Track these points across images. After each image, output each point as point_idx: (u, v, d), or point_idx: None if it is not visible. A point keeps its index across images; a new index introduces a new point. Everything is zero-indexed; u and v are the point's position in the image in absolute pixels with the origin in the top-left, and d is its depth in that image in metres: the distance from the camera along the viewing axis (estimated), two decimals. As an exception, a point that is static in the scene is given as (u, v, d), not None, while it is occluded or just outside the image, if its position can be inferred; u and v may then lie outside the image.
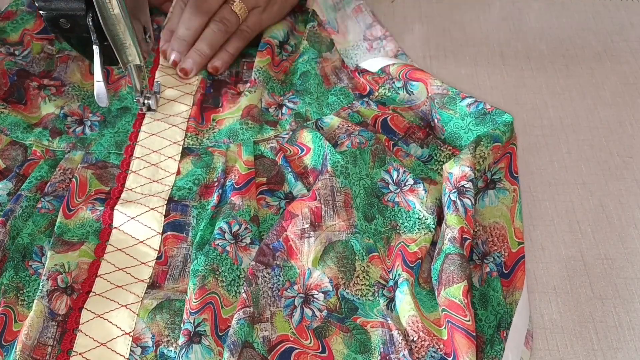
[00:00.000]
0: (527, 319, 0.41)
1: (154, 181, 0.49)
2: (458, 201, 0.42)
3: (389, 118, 0.51)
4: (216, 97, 0.56)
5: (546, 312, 0.42)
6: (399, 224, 0.45)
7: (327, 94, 0.54)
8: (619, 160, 0.51)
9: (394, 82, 0.54)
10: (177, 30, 0.57)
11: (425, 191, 0.46)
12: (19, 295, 0.42)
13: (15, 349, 0.38)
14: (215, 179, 0.49)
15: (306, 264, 0.43)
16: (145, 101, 0.53)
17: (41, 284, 0.41)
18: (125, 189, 0.48)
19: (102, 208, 0.47)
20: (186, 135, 0.52)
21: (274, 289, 0.42)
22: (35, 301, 0.40)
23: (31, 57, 0.57)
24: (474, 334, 0.38)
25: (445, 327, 0.39)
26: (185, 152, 0.51)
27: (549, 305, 0.43)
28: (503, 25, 0.64)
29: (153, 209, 0.47)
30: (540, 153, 0.52)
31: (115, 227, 0.46)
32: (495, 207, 0.46)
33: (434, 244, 0.44)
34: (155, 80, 0.56)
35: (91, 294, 0.42)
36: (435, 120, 0.51)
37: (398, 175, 0.47)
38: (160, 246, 0.45)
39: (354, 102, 0.53)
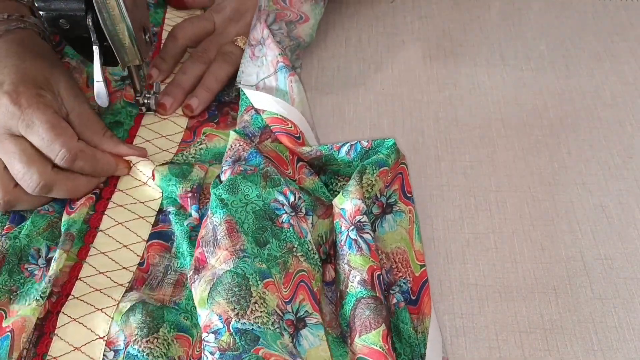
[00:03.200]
0: (439, 346, 0.40)
1: (144, 183, 0.48)
2: (359, 239, 0.40)
3: None
4: (215, 114, 0.54)
5: (546, 312, 0.42)
6: (295, 246, 0.42)
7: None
8: (619, 160, 0.51)
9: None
10: (176, 77, 0.55)
11: (313, 225, 0.44)
12: (11, 297, 0.42)
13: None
14: (189, 189, 0.46)
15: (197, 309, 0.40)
16: (145, 101, 0.53)
17: (43, 288, 0.41)
18: (116, 190, 0.48)
19: (92, 212, 0.46)
20: (173, 158, 0.51)
21: None
22: (34, 303, 0.40)
23: None
24: None
25: None
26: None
27: (549, 305, 0.43)
28: (503, 26, 0.64)
29: (142, 217, 0.47)
30: (540, 153, 0.52)
31: (101, 230, 0.46)
32: (395, 232, 0.44)
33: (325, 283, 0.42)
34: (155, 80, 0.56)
35: (70, 297, 0.42)
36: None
37: (294, 199, 0.44)
38: (143, 253, 0.45)
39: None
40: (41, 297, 0.40)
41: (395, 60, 0.60)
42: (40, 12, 0.43)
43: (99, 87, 0.46)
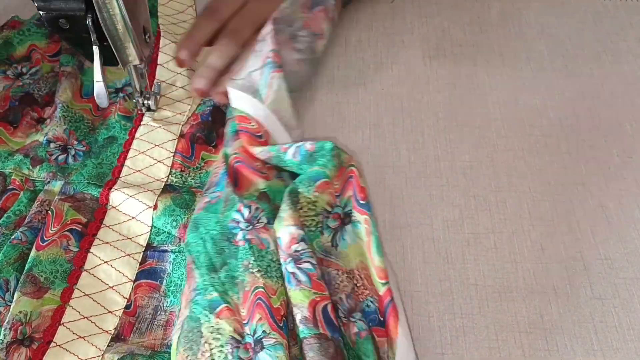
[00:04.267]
0: None
1: (132, 218, 0.47)
2: (297, 271, 0.38)
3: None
4: (212, 130, 0.52)
5: (546, 312, 0.42)
6: (251, 262, 0.39)
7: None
8: (619, 160, 0.51)
9: None
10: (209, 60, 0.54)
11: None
12: None
13: None
14: None
15: None
16: (145, 102, 0.53)
17: (2, 333, 0.39)
18: (102, 226, 0.46)
19: (77, 249, 0.45)
20: (170, 172, 0.49)
21: None
22: None
23: (39, 75, 0.56)
24: None
25: None
26: (167, 189, 0.48)
27: (549, 305, 0.43)
28: (503, 26, 0.64)
29: (129, 254, 0.45)
30: (540, 153, 0.52)
31: (85, 270, 0.44)
32: (356, 245, 0.42)
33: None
34: (155, 80, 0.56)
35: (52, 344, 0.40)
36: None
37: (250, 212, 0.42)
38: (130, 294, 0.43)
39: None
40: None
41: (394, 60, 0.60)
42: (40, 12, 0.43)
43: (99, 87, 0.46)
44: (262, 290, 0.38)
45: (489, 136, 0.53)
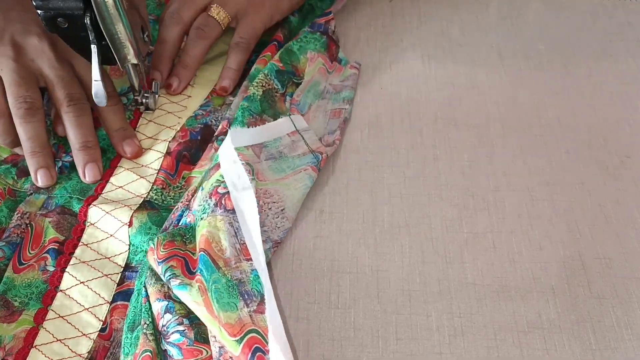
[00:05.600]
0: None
1: (110, 235, 0.45)
2: (168, 347, 0.38)
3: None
4: (200, 149, 0.51)
5: (544, 311, 0.42)
6: (148, 323, 0.39)
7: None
8: (618, 160, 0.51)
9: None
10: (154, 48, 0.55)
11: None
12: None
13: None
14: None
15: None
16: (144, 101, 0.53)
17: None
18: (80, 244, 0.45)
19: (53, 269, 0.43)
20: (152, 188, 0.48)
21: None
22: None
23: None
24: None
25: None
26: (145, 205, 0.47)
27: (547, 305, 0.43)
28: (501, 25, 0.64)
29: (107, 275, 0.43)
30: (539, 153, 0.52)
31: (61, 290, 0.42)
32: (197, 311, 0.40)
33: None
34: (153, 79, 0.56)
35: None
36: None
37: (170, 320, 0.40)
38: (106, 316, 0.41)
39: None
40: None
41: (393, 60, 0.60)
42: (38, 11, 0.42)
43: (97, 86, 0.46)
44: (149, 354, 0.37)
45: (487, 135, 0.53)
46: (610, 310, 0.42)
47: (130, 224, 0.45)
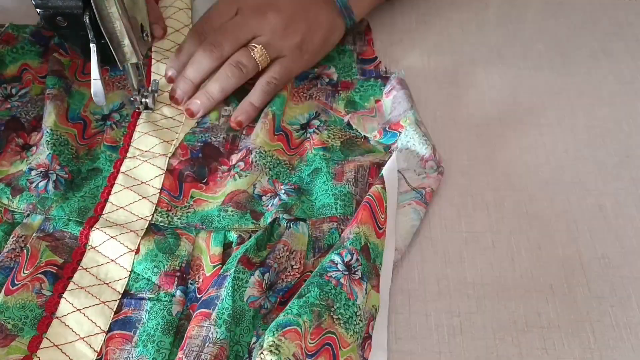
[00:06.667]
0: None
1: (111, 261, 0.44)
2: None
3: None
4: (203, 166, 0.50)
5: (543, 311, 0.42)
6: (335, 307, 0.38)
7: (328, 194, 0.47)
8: (616, 159, 0.51)
9: None
10: (186, 68, 0.54)
11: (366, 293, 0.40)
12: None
13: None
14: (177, 267, 0.43)
15: None
16: (143, 100, 0.53)
17: None
18: (79, 268, 0.43)
19: (50, 293, 0.42)
20: (156, 209, 0.47)
21: None
22: None
23: (28, 98, 0.54)
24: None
25: None
26: (151, 228, 0.45)
27: (546, 304, 0.43)
28: (501, 24, 0.64)
29: (104, 302, 0.41)
30: (538, 152, 0.52)
31: (57, 317, 0.41)
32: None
33: None
34: (152, 78, 0.56)
35: None
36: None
37: (351, 259, 0.41)
38: (102, 347, 0.39)
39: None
40: None
41: (393, 59, 0.60)
42: (38, 10, 0.42)
43: (96, 85, 0.46)
44: (334, 336, 0.38)
45: (486, 135, 0.53)
46: (609, 310, 0.42)
47: (137, 251, 0.44)
